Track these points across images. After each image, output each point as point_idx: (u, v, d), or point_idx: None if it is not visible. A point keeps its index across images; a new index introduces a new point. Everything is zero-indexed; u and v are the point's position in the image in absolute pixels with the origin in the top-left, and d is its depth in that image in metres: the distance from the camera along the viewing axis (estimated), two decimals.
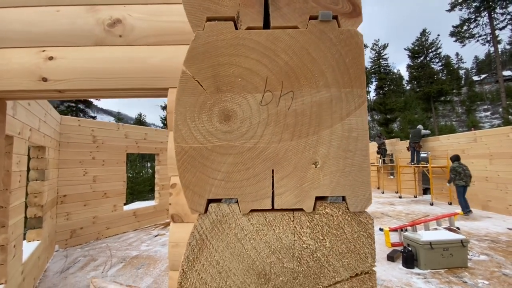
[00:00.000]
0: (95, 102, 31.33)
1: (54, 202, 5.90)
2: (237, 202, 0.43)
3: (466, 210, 8.56)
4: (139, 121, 35.83)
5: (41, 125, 4.94)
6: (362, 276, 0.42)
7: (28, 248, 4.53)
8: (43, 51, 1.79)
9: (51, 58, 1.78)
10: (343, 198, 0.43)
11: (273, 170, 0.43)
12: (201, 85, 0.43)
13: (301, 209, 0.44)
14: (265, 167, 0.43)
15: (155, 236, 7.12)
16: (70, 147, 6.47)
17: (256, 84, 0.43)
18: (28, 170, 4.93)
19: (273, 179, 0.43)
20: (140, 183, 20.35)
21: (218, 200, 0.44)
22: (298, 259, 0.42)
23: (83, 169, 6.69)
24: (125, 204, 7.99)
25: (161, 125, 31.34)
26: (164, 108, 31.17)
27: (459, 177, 8.66)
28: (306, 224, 0.43)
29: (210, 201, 0.44)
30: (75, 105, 27.50)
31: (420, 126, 12.57)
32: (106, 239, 6.86)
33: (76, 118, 6.87)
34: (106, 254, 5.76)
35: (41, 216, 5.12)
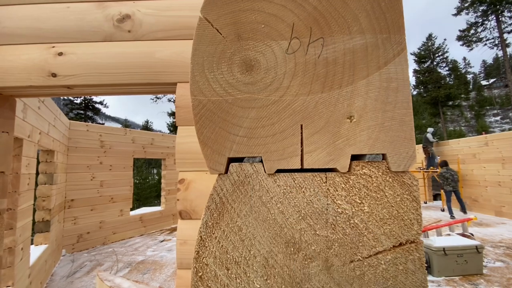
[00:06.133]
0: (103, 109, 31.86)
1: (61, 206, 5.91)
2: (261, 161, 0.38)
3: (451, 215, 8.73)
4: (146, 127, 36.21)
5: (51, 129, 4.99)
6: (407, 245, 0.36)
7: (36, 251, 4.52)
8: (53, 47, 1.79)
9: (60, 54, 1.78)
10: (383, 157, 0.38)
11: (301, 126, 0.38)
12: (220, 32, 0.39)
13: (335, 169, 0.38)
14: (292, 122, 0.38)
15: (161, 241, 7.07)
16: (78, 152, 6.52)
17: (282, 31, 0.38)
18: (37, 173, 4.96)
19: (302, 136, 0.38)
20: (147, 189, 20.43)
21: (240, 160, 0.39)
22: (333, 225, 0.36)
23: (90, 174, 6.72)
24: (131, 210, 7.97)
25: (168, 131, 31.57)
26: (170, 114, 31.47)
27: (447, 182, 8.98)
28: (341, 186, 0.37)
29: (231, 160, 0.39)
30: (83, 113, 27.98)
31: (430, 130, 12.32)
32: (113, 244, 6.83)
33: (84, 123, 6.93)
34: (112, 259, 5.72)
35: (49, 220, 5.12)
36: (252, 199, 0.37)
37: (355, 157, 0.38)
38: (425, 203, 12.22)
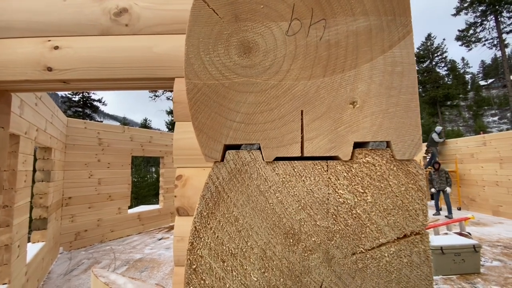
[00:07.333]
0: (101, 107, 31.72)
1: (59, 204, 5.87)
2: (259, 148, 0.36)
3: (449, 214, 8.87)
4: (145, 126, 36.14)
5: (48, 126, 4.94)
6: (412, 237, 0.34)
7: (33, 249, 4.48)
8: (49, 40, 1.77)
9: (56, 48, 1.75)
10: (387, 144, 0.36)
11: (302, 111, 0.36)
12: (216, 13, 0.37)
13: (336, 157, 0.37)
14: (292, 108, 0.36)
15: (159, 239, 7.05)
16: (76, 149, 6.47)
17: (282, 12, 0.37)
18: (34, 171, 4.92)
19: (302, 122, 0.36)
20: (145, 188, 20.39)
21: (237, 147, 0.37)
22: (334, 216, 0.35)
23: (88, 172, 6.68)
24: (129, 208, 7.95)
25: (166, 129, 31.48)
26: (169, 113, 31.36)
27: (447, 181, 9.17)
28: (343, 174, 0.36)
29: (227, 147, 0.37)
30: (82, 110, 27.87)
31: (437, 129, 12.25)
32: (110, 242, 6.81)
33: (82, 120, 6.89)
34: (110, 256, 5.69)
35: (46, 218, 5.09)
36: (250, 188, 0.35)
37: (358, 145, 0.36)
38: None
